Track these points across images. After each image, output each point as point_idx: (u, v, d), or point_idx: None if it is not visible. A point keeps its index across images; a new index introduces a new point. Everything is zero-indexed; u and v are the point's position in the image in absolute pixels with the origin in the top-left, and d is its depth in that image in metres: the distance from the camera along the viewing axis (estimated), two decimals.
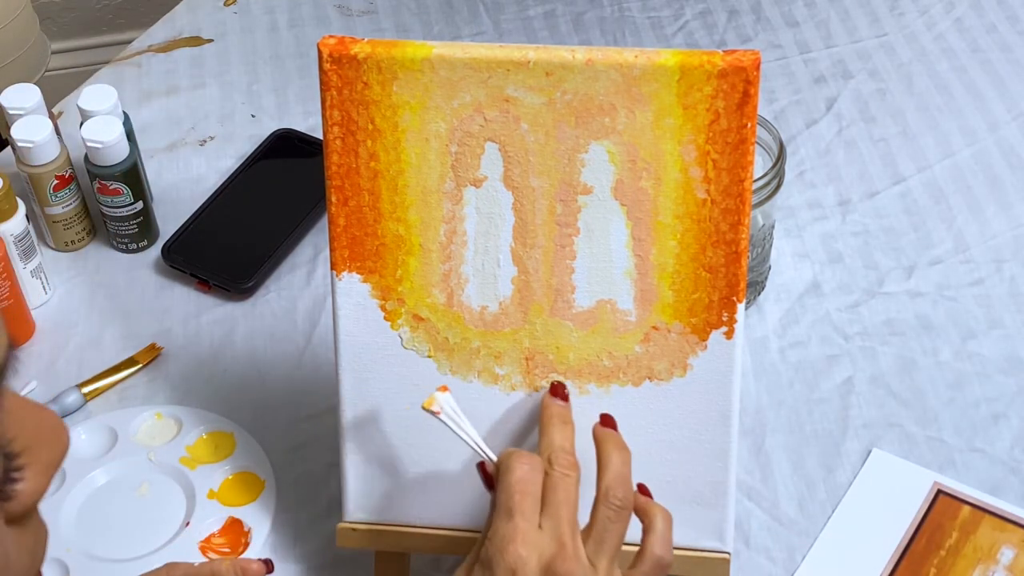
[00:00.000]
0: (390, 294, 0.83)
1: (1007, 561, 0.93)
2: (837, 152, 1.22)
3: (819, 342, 1.07)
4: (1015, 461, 0.98)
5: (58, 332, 1.10)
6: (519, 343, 0.83)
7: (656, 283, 0.81)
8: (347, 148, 0.81)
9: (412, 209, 0.82)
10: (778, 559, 0.94)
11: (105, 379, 1.05)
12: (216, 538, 0.95)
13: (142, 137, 1.22)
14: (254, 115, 1.28)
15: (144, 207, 1.13)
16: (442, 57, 0.79)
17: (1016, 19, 1.34)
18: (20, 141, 1.08)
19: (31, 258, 1.09)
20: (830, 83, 1.28)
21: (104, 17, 2.14)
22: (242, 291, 1.11)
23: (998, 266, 1.12)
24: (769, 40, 1.33)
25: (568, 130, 0.79)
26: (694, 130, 0.78)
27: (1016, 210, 1.16)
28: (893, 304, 1.09)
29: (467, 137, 0.80)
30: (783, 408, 1.02)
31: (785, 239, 1.14)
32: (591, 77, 0.78)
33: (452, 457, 0.85)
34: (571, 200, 0.81)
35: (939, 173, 1.20)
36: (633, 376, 0.83)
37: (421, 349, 0.84)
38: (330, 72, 0.79)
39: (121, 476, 0.99)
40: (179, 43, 1.36)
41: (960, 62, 1.30)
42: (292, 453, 1.00)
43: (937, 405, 1.02)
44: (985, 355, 1.05)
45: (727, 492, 0.85)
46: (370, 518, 0.88)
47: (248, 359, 1.07)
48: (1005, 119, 1.24)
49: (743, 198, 0.79)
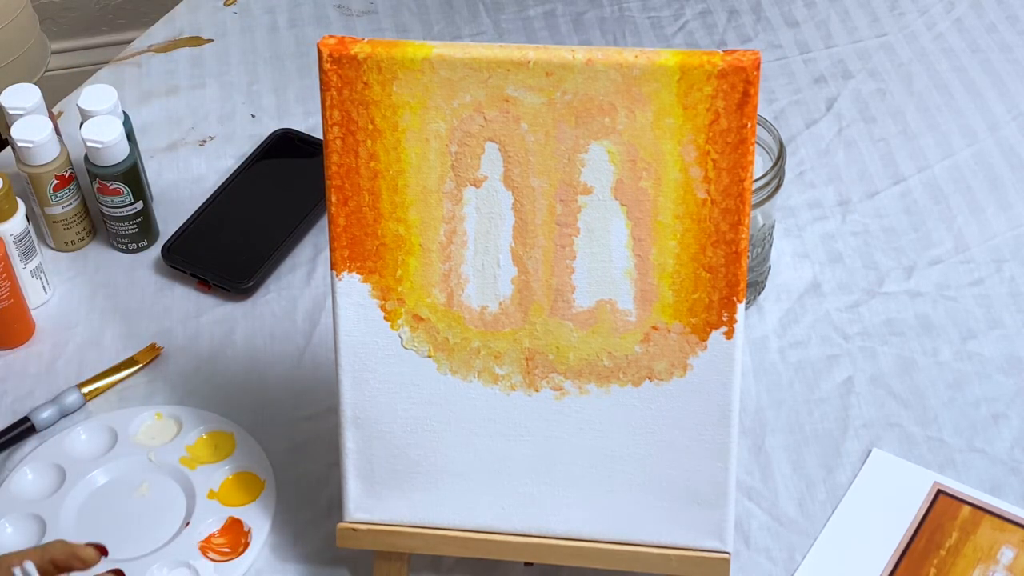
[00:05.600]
0: (390, 294, 0.83)
1: (1007, 561, 0.93)
2: (837, 152, 1.22)
3: (819, 342, 1.07)
4: (1015, 461, 0.98)
5: (58, 332, 1.10)
6: (519, 343, 0.83)
7: (656, 283, 0.81)
8: (347, 148, 0.81)
9: (412, 209, 0.82)
10: (778, 559, 0.94)
11: (105, 379, 1.05)
12: (216, 538, 0.95)
13: (142, 137, 1.23)
14: (254, 115, 1.28)
15: (144, 207, 1.13)
16: (442, 57, 0.79)
17: (1016, 19, 1.34)
18: (20, 141, 1.08)
19: (31, 258, 1.09)
20: (830, 83, 1.28)
21: (104, 17, 2.14)
22: (242, 291, 1.11)
23: (998, 266, 1.12)
24: (769, 40, 1.33)
25: (568, 130, 0.79)
26: (694, 130, 0.78)
27: (1016, 210, 1.16)
28: (893, 304, 1.09)
29: (467, 137, 0.80)
30: (783, 408, 1.02)
31: (785, 239, 1.14)
32: (591, 77, 0.78)
33: (452, 457, 0.86)
34: (571, 200, 0.81)
35: (939, 173, 1.20)
36: (633, 376, 0.83)
37: (421, 349, 0.84)
38: (330, 72, 0.79)
39: (121, 476, 0.99)
40: (179, 43, 1.36)
41: (960, 62, 1.30)
42: (292, 453, 1.00)
43: (937, 405, 1.02)
44: (985, 355, 1.05)
45: (727, 492, 0.85)
46: (370, 518, 0.88)
47: (248, 359, 1.07)
48: (1005, 119, 1.24)
49: (743, 198, 0.79)
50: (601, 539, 0.86)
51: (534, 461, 0.85)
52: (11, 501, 0.97)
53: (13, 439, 1.01)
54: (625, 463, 0.85)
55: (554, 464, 0.85)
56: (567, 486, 0.86)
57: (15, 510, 0.96)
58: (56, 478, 0.98)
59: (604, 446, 0.85)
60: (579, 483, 0.86)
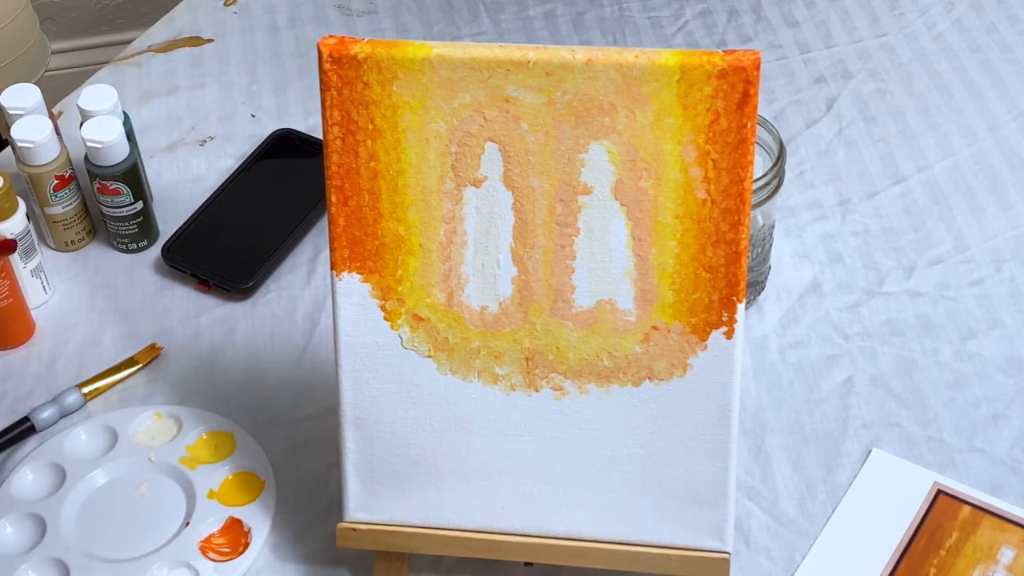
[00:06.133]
0: (390, 294, 0.83)
1: (1007, 561, 0.93)
2: (837, 152, 1.22)
3: (819, 342, 1.07)
4: (1015, 461, 0.98)
5: (58, 332, 1.10)
6: (519, 343, 0.83)
7: (656, 283, 0.81)
8: (347, 148, 0.81)
9: (412, 209, 0.82)
10: (778, 559, 0.94)
11: (105, 379, 1.05)
12: (216, 538, 0.95)
13: (142, 137, 1.23)
14: (254, 115, 1.28)
15: (144, 207, 1.13)
16: (442, 57, 0.79)
17: (1016, 19, 1.34)
18: (20, 141, 1.08)
19: (31, 258, 1.09)
20: (830, 83, 1.28)
21: (104, 17, 2.14)
22: (242, 291, 1.11)
23: (998, 266, 1.12)
24: (769, 40, 1.33)
25: (568, 130, 0.79)
26: (694, 130, 0.78)
27: (1016, 210, 1.16)
28: (893, 304, 1.09)
29: (467, 137, 0.80)
30: (783, 408, 1.02)
31: (785, 239, 1.14)
32: (591, 77, 0.78)
33: (452, 457, 0.86)
34: (571, 200, 0.81)
35: (939, 173, 1.20)
36: (633, 376, 0.83)
37: (421, 349, 0.84)
38: (330, 72, 0.79)
39: (121, 476, 0.99)
40: (179, 43, 1.36)
41: (960, 62, 1.30)
42: (292, 453, 1.00)
43: (937, 405, 1.02)
44: (985, 355, 1.05)
45: (727, 492, 0.85)
46: (370, 518, 0.88)
47: (248, 359, 1.07)
48: (1005, 119, 1.24)
49: (743, 198, 0.79)
50: (601, 539, 0.86)
51: (534, 461, 0.85)
52: (11, 501, 0.97)
53: (13, 439, 1.01)
54: (625, 463, 0.85)
55: (554, 464, 0.85)
56: (567, 486, 0.86)
57: (15, 510, 0.96)
58: (56, 478, 0.98)
59: (604, 446, 0.85)
60: (579, 483, 0.86)
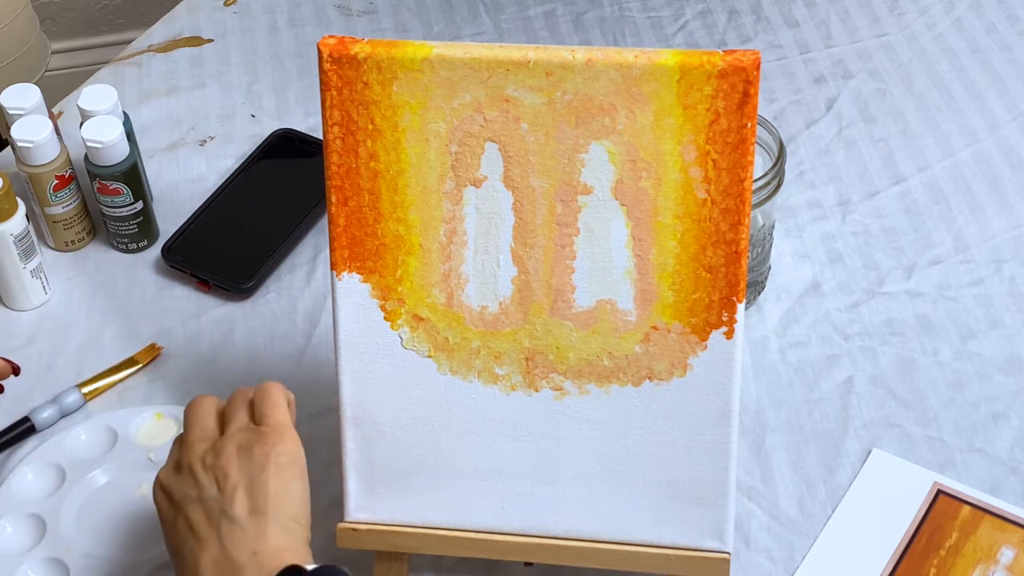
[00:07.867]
0: (390, 294, 0.83)
1: (1007, 561, 0.93)
2: (837, 152, 1.22)
3: (819, 342, 1.07)
4: (1015, 461, 0.98)
5: (58, 332, 1.10)
6: (519, 343, 0.83)
7: (656, 283, 0.81)
8: (347, 148, 0.81)
9: (412, 209, 0.82)
10: (778, 559, 0.94)
11: (105, 379, 1.05)
12: None
13: (142, 137, 1.23)
14: (254, 115, 1.28)
15: (144, 207, 1.13)
16: (442, 57, 0.79)
17: (1016, 19, 1.34)
18: (20, 141, 1.08)
19: (31, 258, 1.09)
20: (830, 83, 1.28)
21: (104, 17, 2.14)
22: (242, 291, 1.11)
23: (998, 266, 1.12)
24: (769, 40, 1.33)
25: (568, 130, 0.79)
26: (694, 130, 0.78)
27: (1016, 210, 1.16)
28: (893, 304, 1.09)
29: (467, 137, 0.80)
30: (783, 408, 1.02)
31: (785, 239, 1.14)
32: (591, 77, 0.78)
33: (452, 457, 0.85)
34: (571, 200, 0.81)
35: (939, 173, 1.20)
36: (633, 376, 0.83)
37: (421, 349, 0.84)
38: (330, 72, 0.79)
39: (121, 476, 0.98)
40: (179, 43, 1.36)
41: (960, 62, 1.30)
42: None
43: (937, 405, 1.02)
44: (985, 355, 1.05)
45: (727, 492, 0.85)
46: (370, 518, 0.88)
47: (248, 359, 1.07)
48: (1005, 119, 1.24)
49: (743, 198, 0.79)
50: (601, 539, 0.86)
51: (534, 461, 0.85)
52: (11, 501, 0.97)
53: (13, 439, 1.01)
54: (625, 463, 0.85)
55: (554, 464, 0.85)
56: (567, 486, 0.86)
57: (15, 510, 0.96)
58: (56, 478, 0.98)
59: (604, 446, 0.85)
60: (579, 483, 0.85)
